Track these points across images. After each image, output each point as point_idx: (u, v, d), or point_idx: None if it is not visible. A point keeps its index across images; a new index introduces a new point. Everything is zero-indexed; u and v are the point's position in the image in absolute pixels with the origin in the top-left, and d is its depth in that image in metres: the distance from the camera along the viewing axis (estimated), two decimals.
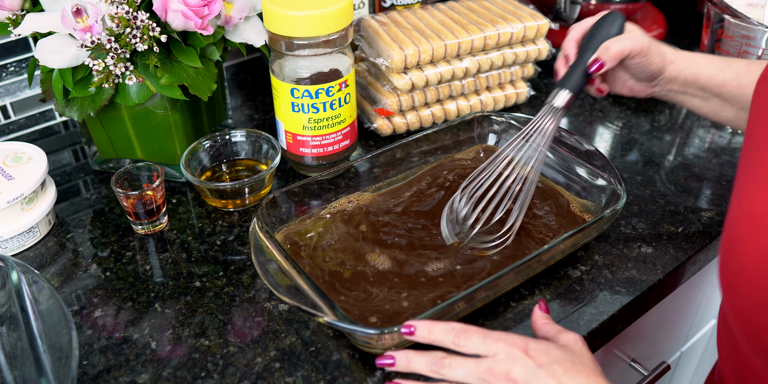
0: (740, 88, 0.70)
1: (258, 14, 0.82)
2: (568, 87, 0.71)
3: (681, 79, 0.71)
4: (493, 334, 0.54)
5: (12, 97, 0.95)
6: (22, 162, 0.78)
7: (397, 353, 0.56)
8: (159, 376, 0.63)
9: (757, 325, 0.45)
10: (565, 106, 0.71)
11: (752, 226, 0.45)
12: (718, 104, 0.72)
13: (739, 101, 0.70)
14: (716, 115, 0.73)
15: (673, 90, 0.73)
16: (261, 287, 0.72)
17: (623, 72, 0.74)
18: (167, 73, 0.75)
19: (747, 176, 0.49)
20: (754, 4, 0.92)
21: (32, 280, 0.61)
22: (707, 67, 0.71)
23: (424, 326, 0.56)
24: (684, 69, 0.71)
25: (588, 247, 0.76)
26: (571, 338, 0.56)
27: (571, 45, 0.73)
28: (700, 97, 0.72)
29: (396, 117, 0.93)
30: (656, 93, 0.74)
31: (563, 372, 0.51)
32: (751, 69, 0.70)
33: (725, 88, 0.70)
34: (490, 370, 0.52)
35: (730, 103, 0.71)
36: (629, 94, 0.76)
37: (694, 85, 0.71)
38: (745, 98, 0.70)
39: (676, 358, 1.13)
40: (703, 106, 0.73)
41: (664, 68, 0.71)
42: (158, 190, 0.77)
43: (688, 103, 0.74)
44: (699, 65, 0.71)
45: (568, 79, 0.72)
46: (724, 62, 0.71)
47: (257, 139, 0.85)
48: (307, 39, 0.75)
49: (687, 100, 0.73)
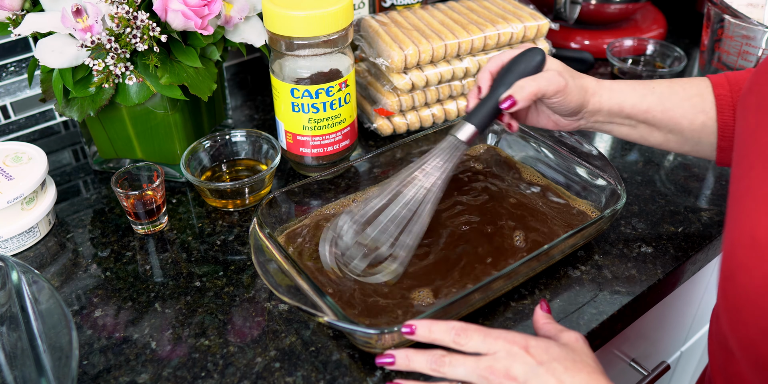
0: (665, 113, 0.69)
1: (258, 14, 0.83)
2: (473, 122, 0.67)
3: (605, 110, 0.69)
4: (493, 333, 0.54)
5: (12, 97, 0.95)
6: (22, 162, 0.78)
7: (397, 352, 0.56)
8: (159, 376, 0.63)
9: (762, 353, 0.45)
10: (467, 141, 0.67)
11: (755, 252, 0.44)
12: (645, 130, 0.71)
13: (666, 125, 0.69)
14: (646, 141, 0.72)
15: (599, 121, 0.71)
16: (261, 287, 0.72)
17: (544, 108, 0.72)
18: (167, 73, 0.75)
19: (744, 198, 0.48)
20: (754, 4, 0.92)
21: (32, 280, 0.61)
22: (630, 94, 0.69)
23: (424, 325, 0.56)
24: (607, 100, 0.69)
25: (588, 247, 0.76)
26: (572, 337, 0.56)
27: (485, 77, 0.70)
28: (627, 125, 0.71)
29: (396, 117, 0.93)
30: (582, 126, 0.72)
31: (563, 370, 0.51)
32: (673, 90, 0.69)
33: (650, 114, 0.69)
34: (490, 368, 0.52)
35: (657, 128, 0.70)
36: (555, 128, 0.73)
37: (620, 115, 0.70)
38: (672, 122, 0.69)
39: (676, 358, 1.13)
40: (632, 133, 0.72)
41: (585, 102, 0.68)
42: (158, 190, 0.77)
43: (616, 132, 0.72)
44: (622, 93, 0.69)
45: (475, 113, 0.68)
46: (646, 87, 0.70)
47: (257, 139, 0.86)
48: (307, 39, 0.75)
49: (615, 129, 0.72)
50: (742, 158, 0.51)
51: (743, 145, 0.52)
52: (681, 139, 0.71)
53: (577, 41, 1.14)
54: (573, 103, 0.67)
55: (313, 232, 0.74)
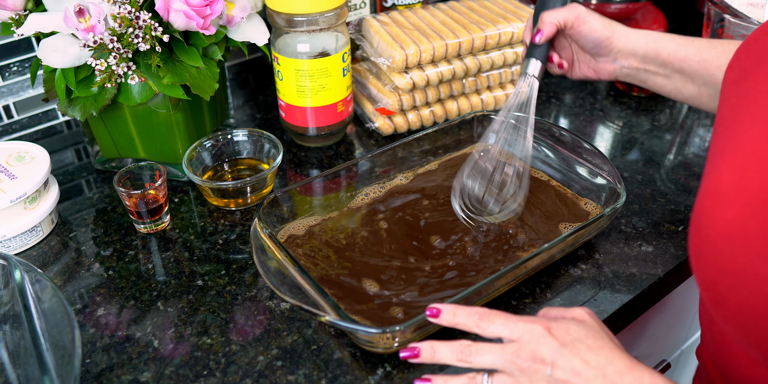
0: (702, 63, 0.70)
1: (259, 12, 0.83)
2: (536, 56, 0.75)
3: (641, 54, 0.73)
4: (513, 317, 0.54)
5: (15, 96, 0.95)
6: (25, 161, 0.78)
7: (421, 344, 0.55)
8: (161, 375, 0.63)
9: (721, 292, 0.47)
10: (538, 76, 0.75)
11: (718, 200, 0.48)
12: (680, 80, 0.73)
13: (702, 76, 0.71)
14: (679, 93, 0.74)
15: (634, 67, 0.74)
16: (263, 286, 0.72)
17: (577, 49, 0.77)
18: (169, 72, 0.76)
19: (714, 156, 0.51)
20: (754, 4, 0.93)
21: (35, 279, 0.61)
22: (668, 42, 0.72)
23: (449, 309, 0.56)
24: (643, 43, 0.73)
25: (589, 245, 0.77)
26: (583, 313, 0.56)
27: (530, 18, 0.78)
28: (662, 74, 0.73)
29: (397, 116, 0.94)
30: (618, 72, 0.76)
31: (587, 349, 0.51)
32: (713, 45, 0.71)
33: (687, 63, 0.71)
34: (517, 353, 0.52)
35: (692, 79, 0.72)
36: (594, 76, 0.78)
37: (655, 61, 0.73)
38: (707, 73, 0.71)
39: (677, 357, 1.13)
40: (666, 84, 0.74)
41: (611, 38, 0.73)
42: (160, 189, 0.77)
43: (650, 82, 0.75)
44: (659, 40, 0.72)
45: (532, 49, 0.76)
46: (685, 39, 0.72)
47: (259, 138, 0.86)
48: (307, 15, 0.80)
49: (649, 78, 0.75)
50: (718, 125, 0.54)
51: (720, 114, 0.55)
52: (714, 93, 0.72)
53: None
54: (597, 31, 0.73)
55: (315, 231, 0.75)
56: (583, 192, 0.79)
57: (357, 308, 0.65)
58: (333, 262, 0.71)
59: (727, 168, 0.49)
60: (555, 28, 0.74)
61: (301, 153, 0.93)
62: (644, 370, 0.50)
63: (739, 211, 0.46)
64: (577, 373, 0.50)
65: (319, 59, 0.84)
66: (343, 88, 0.88)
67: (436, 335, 0.65)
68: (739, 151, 0.49)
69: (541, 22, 0.74)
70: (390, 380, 0.62)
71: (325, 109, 0.88)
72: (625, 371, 0.50)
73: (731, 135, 0.51)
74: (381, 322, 0.64)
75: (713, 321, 0.57)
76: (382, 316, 0.65)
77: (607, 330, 0.55)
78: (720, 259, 0.47)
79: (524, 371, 0.51)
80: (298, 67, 0.84)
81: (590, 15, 0.74)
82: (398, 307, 0.66)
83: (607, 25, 0.74)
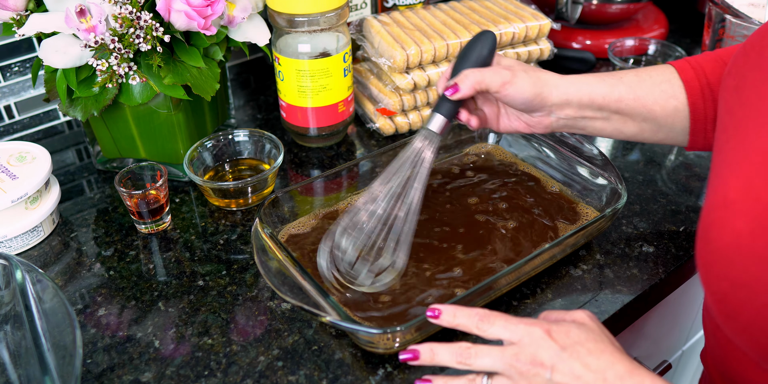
0: (638, 101, 0.68)
1: (260, 12, 0.83)
2: (441, 112, 0.68)
3: (575, 103, 0.69)
4: (513, 319, 0.54)
5: (16, 96, 0.95)
6: (27, 161, 0.78)
7: (421, 346, 0.55)
8: (162, 375, 0.63)
9: (732, 306, 0.47)
10: (439, 132, 0.68)
11: (726, 211, 0.47)
12: (619, 121, 0.70)
13: (640, 113, 0.69)
14: (620, 133, 0.72)
15: (571, 116, 0.70)
16: (264, 286, 0.72)
17: (510, 109, 0.72)
18: (170, 73, 0.76)
19: (720, 165, 0.51)
20: (755, 4, 0.93)
21: (36, 279, 0.61)
22: (599, 85, 0.69)
23: (449, 310, 0.56)
24: (575, 91, 0.68)
25: (589, 246, 0.77)
26: (583, 316, 0.56)
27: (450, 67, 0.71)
28: (601, 118, 0.70)
29: (398, 116, 0.94)
30: (554, 124, 0.71)
31: (587, 353, 0.51)
32: (641, 78, 0.69)
33: (623, 102, 0.69)
34: (516, 356, 0.52)
35: (632, 117, 0.70)
36: (527, 130, 0.72)
37: (591, 106, 0.69)
38: (645, 109, 0.69)
39: (677, 357, 1.13)
40: (606, 127, 0.71)
41: (544, 95, 0.68)
42: (161, 190, 0.77)
43: (590, 128, 0.71)
44: (590, 85, 0.69)
45: (442, 103, 0.68)
46: (614, 77, 0.69)
47: (260, 138, 0.86)
48: (308, 16, 0.80)
49: (588, 124, 0.71)
50: (721, 134, 0.54)
51: (722, 122, 0.54)
52: (655, 127, 0.70)
53: (579, 41, 1.14)
54: (526, 93, 0.67)
55: (315, 231, 0.75)
56: (584, 192, 0.79)
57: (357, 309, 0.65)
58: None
59: (735, 178, 0.48)
60: (474, 92, 0.67)
61: (302, 153, 0.93)
62: (645, 374, 0.50)
63: (750, 221, 0.45)
64: (577, 377, 0.50)
65: (320, 59, 0.84)
66: (344, 88, 0.88)
67: (436, 335, 0.65)
68: (746, 160, 0.48)
69: (461, 78, 0.66)
70: (391, 381, 0.62)
71: (326, 110, 0.88)
72: (626, 375, 0.50)
73: (736, 144, 0.50)
74: (382, 322, 0.64)
75: (718, 327, 0.56)
76: (383, 316, 0.65)
77: (607, 333, 0.55)
78: (731, 272, 0.46)
79: (524, 375, 0.51)
80: (299, 68, 0.84)
81: (517, 76, 0.67)
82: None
83: (535, 82, 0.67)
